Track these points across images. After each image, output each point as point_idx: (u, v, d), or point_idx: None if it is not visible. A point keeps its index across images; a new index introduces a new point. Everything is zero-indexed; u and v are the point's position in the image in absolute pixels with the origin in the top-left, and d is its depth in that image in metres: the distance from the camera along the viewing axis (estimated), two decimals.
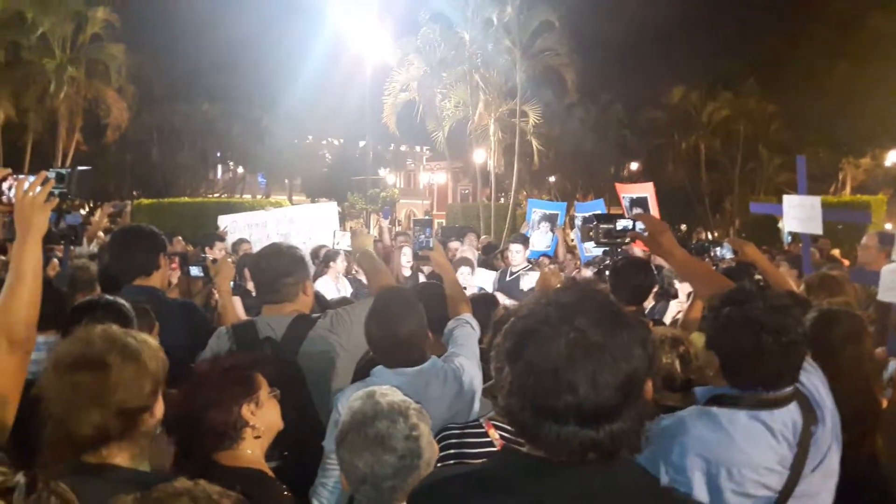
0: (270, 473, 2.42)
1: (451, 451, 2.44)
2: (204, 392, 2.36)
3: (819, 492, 2.27)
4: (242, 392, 2.39)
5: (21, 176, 2.52)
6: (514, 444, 2.41)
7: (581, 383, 1.39)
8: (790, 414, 2.27)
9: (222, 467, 2.30)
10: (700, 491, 2.17)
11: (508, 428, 2.51)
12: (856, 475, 2.49)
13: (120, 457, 2.04)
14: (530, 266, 8.10)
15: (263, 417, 2.42)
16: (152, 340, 2.19)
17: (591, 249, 8.79)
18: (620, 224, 3.00)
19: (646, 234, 2.97)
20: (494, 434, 2.53)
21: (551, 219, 10.54)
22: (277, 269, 3.37)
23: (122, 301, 3.19)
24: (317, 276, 7.69)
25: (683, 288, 5.52)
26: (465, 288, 4.50)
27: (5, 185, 2.58)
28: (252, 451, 2.39)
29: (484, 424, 2.57)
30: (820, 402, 2.33)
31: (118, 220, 8.26)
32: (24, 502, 1.25)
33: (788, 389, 2.27)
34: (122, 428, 2.01)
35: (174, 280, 5.62)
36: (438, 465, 2.34)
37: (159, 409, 2.15)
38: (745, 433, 2.21)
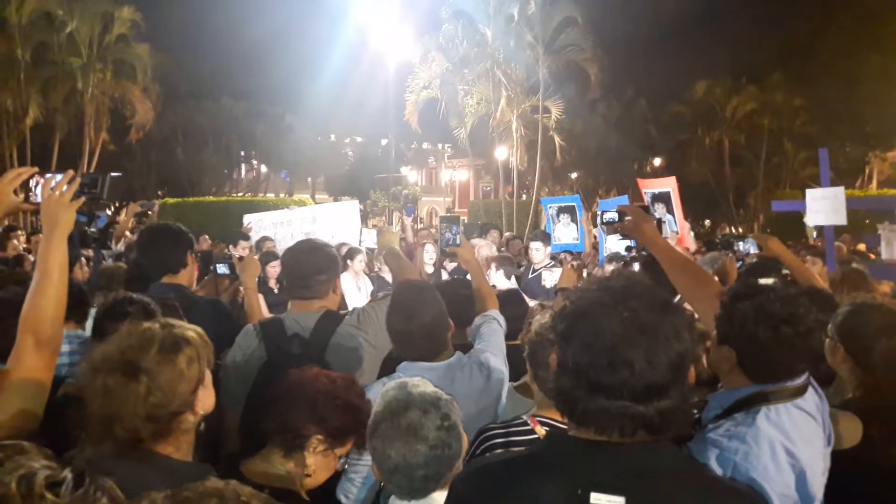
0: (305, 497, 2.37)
1: (499, 450, 2.40)
2: (316, 398, 2.33)
3: (827, 465, 2.27)
4: (335, 434, 2.35)
5: (48, 175, 2.53)
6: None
7: (637, 360, 1.45)
8: (812, 396, 2.28)
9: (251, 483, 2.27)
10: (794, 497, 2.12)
11: (553, 423, 2.51)
12: (891, 467, 2.50)
13: (161, 448, 2.04)
14: (553, 263, 8.09)
15: (320, 466, 2.37)
16: (195, 333, 2.16)
17: (612, 247, 8.75)
18: (607, 216, 3.04)
19: (629, 223, 3.01)
20: (541, 430, 2.49)
21: (569, 210, 10.49)
22: (314, 265, 3.36)
23: (146, 297, 3.22)
24: None
25: None
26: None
27: (32, 183, 2.58)
28: (289, 472, 2.34)
29: (529, 421, 2.56)
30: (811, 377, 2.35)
31: (145, 219, 8.34)
32: (71, 497, 1.26)
33: (807, 374, 2.28)
34: (155, 431, 2.01)
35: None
36: None
37: (202, 404, 2.12)
38: (805, 427, 2.20)
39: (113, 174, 2.74)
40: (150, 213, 8.35)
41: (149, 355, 2.02)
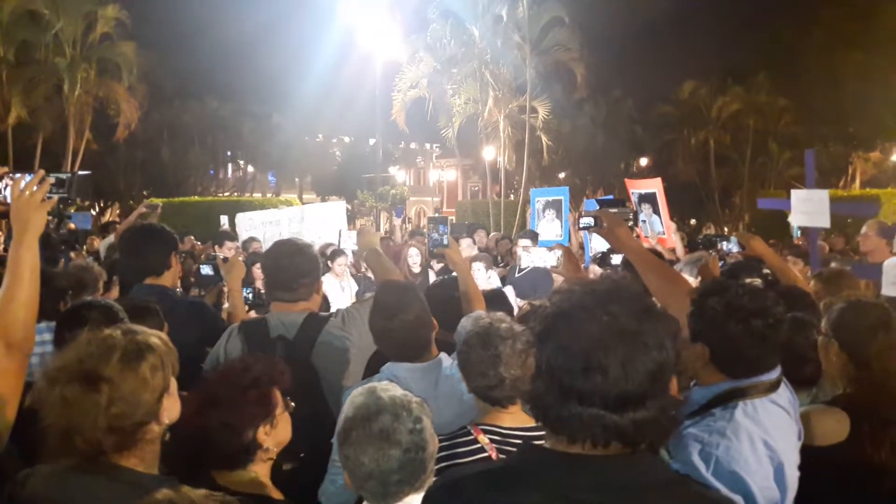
0: (274, 494, 2.33)
1: (443, 464, 2.36)
2: (219, 413, 2.24)
3: (798, 459, 2.29)
4: (261, 414, 2.29)
5: (17, 175, 2.47)
6: (506, 448, 2.42)
7: (612, 366, 1.39)
8: (786, 391, 2.32)
9: (224, 489, 2.19)
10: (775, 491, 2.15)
11: (496, 431, 2.51)
12: (879, 463, 2.53)
13: (125, 460, 1.98)
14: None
15: (277, 436, 2.34)
16: (159, 340, 2.10)
17: (597, 247, 8.76)
18: (583, 222, 3.10)
19: (604, 227, 3.06)
20: (484, 439, 2.49)
21: (555, 205, 10.47)
22: (296, 268, 3.32)
23: (109, 301, 3.18)
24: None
25: (691, 282, 5.52)
26: None
27: (1, 185, 2.52)
28: (258, 471, 2.31)
29: (472, 431, 2.53)
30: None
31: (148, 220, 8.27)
32: None
33: (779, 368, 2.32)
34: (118, 442, 1.94)
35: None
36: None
37: (168, 413, 2.05)
38: (781, 421, 2.24)
39: (81, 173, 2.71)
40: (154, 214, 8.25)
41: (110, 364, 1.95)
